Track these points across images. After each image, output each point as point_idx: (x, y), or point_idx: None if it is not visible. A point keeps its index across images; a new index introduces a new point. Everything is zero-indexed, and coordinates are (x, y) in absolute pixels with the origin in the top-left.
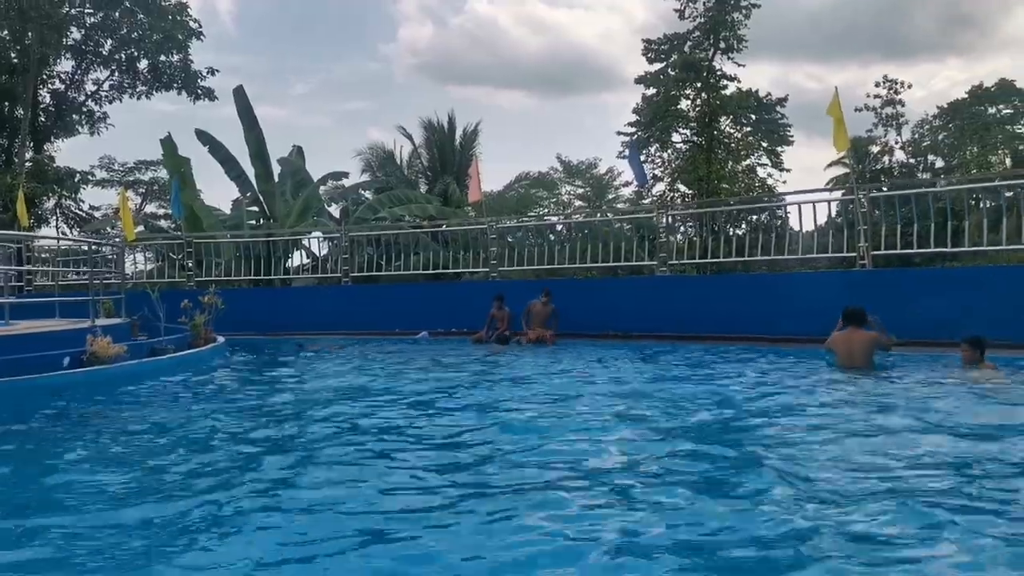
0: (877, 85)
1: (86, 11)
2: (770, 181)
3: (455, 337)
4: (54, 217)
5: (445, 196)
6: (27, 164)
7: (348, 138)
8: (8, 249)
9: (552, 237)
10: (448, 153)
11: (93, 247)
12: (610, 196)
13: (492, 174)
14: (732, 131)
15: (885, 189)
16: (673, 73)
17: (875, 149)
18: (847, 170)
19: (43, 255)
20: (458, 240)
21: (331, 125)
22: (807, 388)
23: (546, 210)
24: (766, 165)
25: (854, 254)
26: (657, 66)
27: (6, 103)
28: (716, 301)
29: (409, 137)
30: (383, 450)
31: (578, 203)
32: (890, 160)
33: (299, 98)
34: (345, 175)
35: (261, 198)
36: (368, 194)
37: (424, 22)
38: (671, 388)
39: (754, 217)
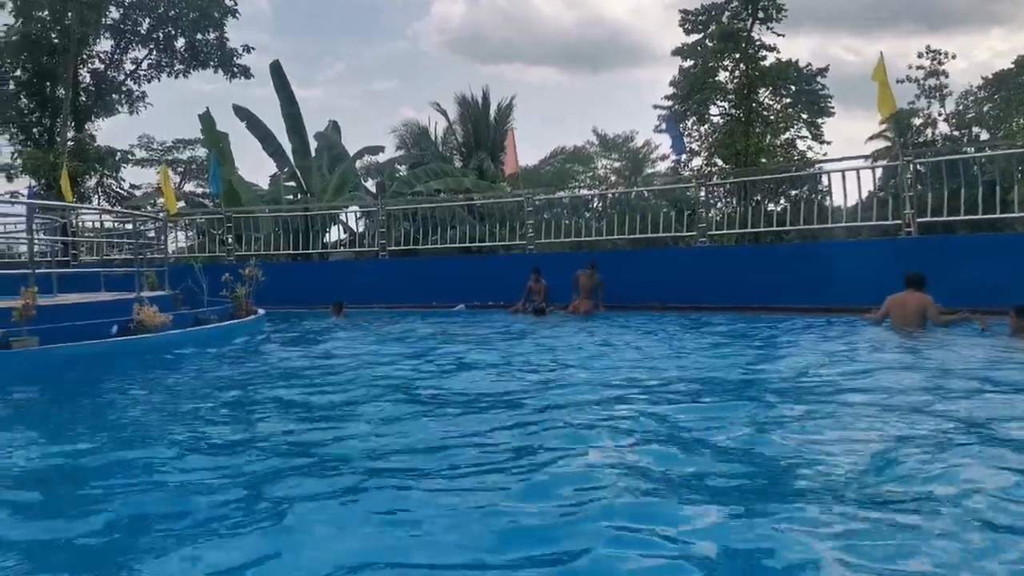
0: (920, 56)
1: None
2: (810, 154)
3: (491, 310)
4: (96, 195)
5: (480, 171)
6: (69, 143)
7: (381, 117)
8: (55, 223)
9: (588, 213)
10: (482, 129)
11: (137, 221)
12: (647, 170)
13: (527, 150)
14: (771, 103)
15: (931, 156)
16: (711, 44)
17: (918, 121)
18: (888, 143)
19: (87, 233)
20: (494, 214)
21: (364, 104)
22: (846, 353)
23: (582, 185)
24: (806, 138)
25: (899, 222)
26: (694, 37)
27: (48, 83)
28: (758, 271)
29: (443, 113)
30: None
31: (614, 178)
32: (933, 132)
33: (332, 77)
34: (381, 149)
35: (298, 173)
36: (403, 169)
37: (455, 0)
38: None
39: (794, 192)
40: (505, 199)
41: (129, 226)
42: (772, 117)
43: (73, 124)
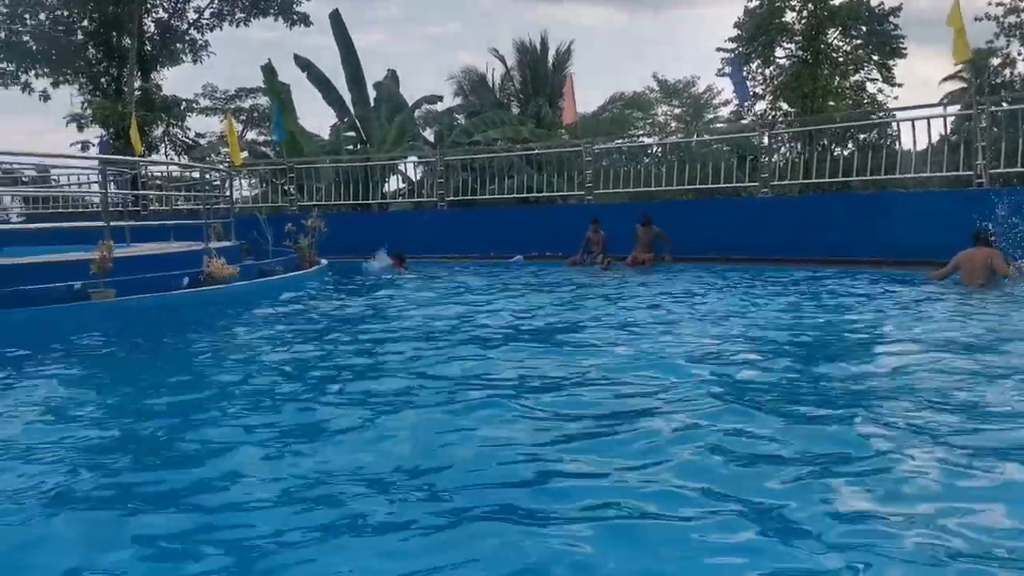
0: None
1: None
2: (880, 97)
3: (549, 261)
4: (163, 144)
5: (538, 118)
6: (136, 93)
7: (440, 62)
8: (125, 175)
9: (647, 159)
10: (541, 75)
11: (204, 171)
12: (708, 116)
13: (585, 96)
14: (840, 44)
15: (1007, 103)
16: None
17: (996, 61)
18: (964, 84)
19: (156, 182)
20: (552, 163)
21: (422, 49)
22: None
23: (642, 131)
24: (876, 80)
25: (970, 173)
26: None
27: (114, 33)
28: (822, 222)
29: (501, 59)
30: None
31: (675, 124)
32: (1011, 73)
33: (390, 22)
34: (439, 99)
35: (358, 123)
36: (461, 118)
37: None
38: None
39: (862, 136)
40: (563, 148)
41: (196, 175)
42: (841, 59)
43: (139, 73)
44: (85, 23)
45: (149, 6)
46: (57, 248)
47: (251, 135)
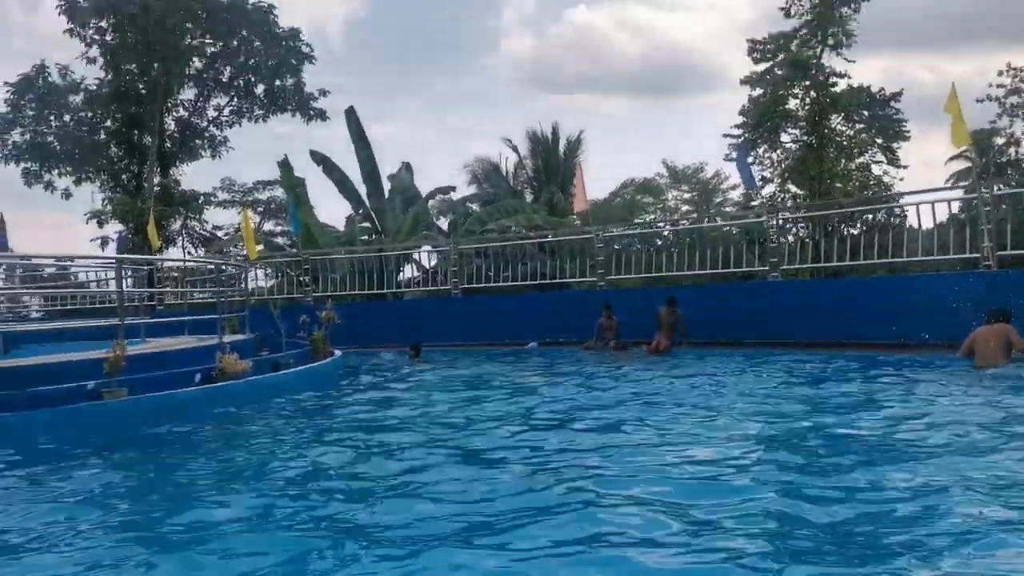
0: (1000, 74)
1: (207, 41)
2: (886, 178)
3: (564, 347)
4: (180, 238)
5: (551, 205)
6: (155, 188)
7: (454, 151)
8: (141, 271)
9: (659, 243)
10: (552, 163)
11: (219, 267)
12: (718, 200)
13: (597, 182)
14: (844, 129)
15: (1013, 184)
16: (780, 72)
17: (1000, 141)
18: (969, 164)
19: (173, 274)
20: (565, 249)
21: (437, 139)
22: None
23: (653, 216)
24: (881, 162)
25: (977, 255)
26: (763, 66)
27: (135, 131)
28: (833, 306)
29: (514, 148)
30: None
31: (685, 208)
32: (1017, 152)
33: (405, 114)
34: (452, 189)
35: (373, 214)
36: (475, 206)
37: (524, 34)
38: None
39: (870, 216)
40: (575, 235)
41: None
42: (845, 143)
43: (159, 170)
44: (108, 123)
45: (170, 105)
46: (73, 347)
47: (268, 226)
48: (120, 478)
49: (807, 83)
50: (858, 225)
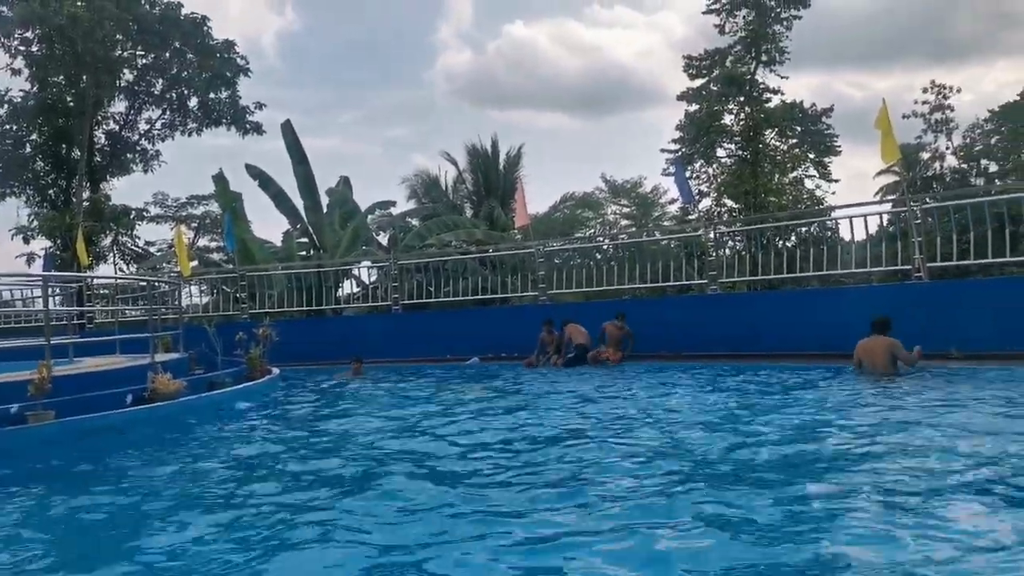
0: (925, 91)
1: (138, 53)
2: (818, 192)
3: (505, 362)
4: (111, 254)
5: (491, 220)
6: (84, 203)
7: (393, 165)
8: (70, 289)
9: (599, 257)
10: (492, 177)
11: (151, 284)
12: (656, 214)
13: (537, 196)
14: (778, 144)
15: (938, 199)
16: (715, 88)
17: (925, 156)
18: (897, 178)
19: (103, 291)
20: (506, 264)
21: (376, 153)
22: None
23: (592, 230)
24: (814, 176)
25: (908, 267)
26: (699, 82)
27: (63, 145)
28: (767, 318)
29: (453, 162)
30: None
31: (624, 222)
32: (941, 166)
33: (343, 127)
34: (392, 203)
35: (311, 229)
36: (415, 221)
37: (462, 49)
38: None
39: (803, 229)
40: (516, 250)
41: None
42: (779, 157)
43: (88, 184)
44: (34, 136)
45: (100, 118)
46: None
47: (203, 242)
48: (42, 507)
49: (742, 99)
50: (792, 238)
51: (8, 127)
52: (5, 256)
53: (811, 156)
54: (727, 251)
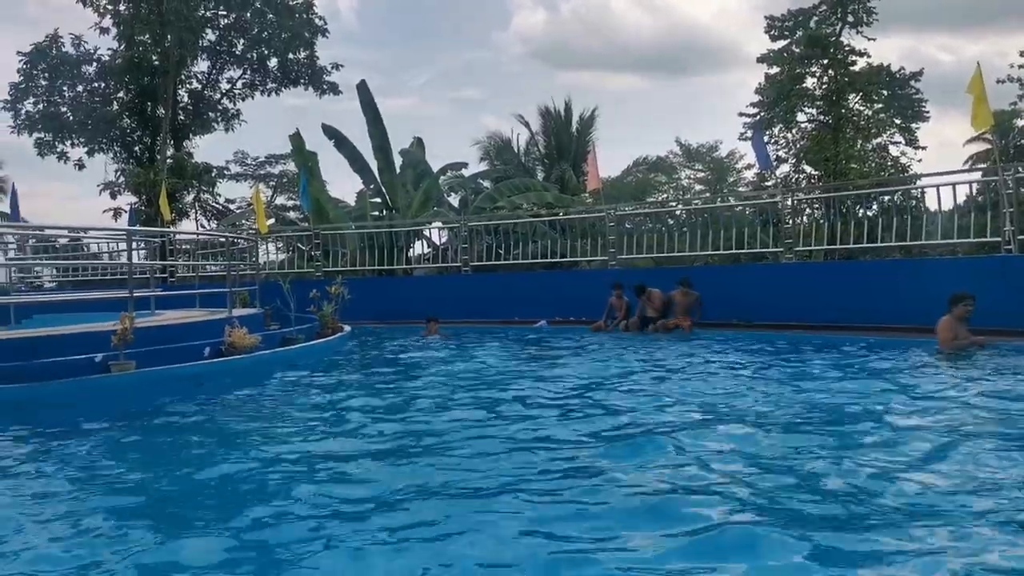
0: (1021, 54)
1: (220, 13)
2: (903, 159)
3: (573, 325)
4: (193, 210)
5: (562, 183)
6: (168, 161)
7: (465, 126)
8: (153, 243)
9: (671, 222)
10: (565, 140)
11: (231, 240)
12: (731, 179)
13: (609, 160)
14: (862, 108)
15: None
16: (798, 50)
17: (1020, 123)
18: (990, 145)
19: (184, 247)
20: (576, 228)
21: (448, 114)
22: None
23: (665, 195)
24: (899, 143)
25: (998, 239)
26: (780, 43)
27: (148, 103)
28: (847, 289)
29: (526, 124)
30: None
31: (698, 187)
32: None
33: (417, 88)
34: (464, 165)
35: (384, 189)
36: (486, 183)
37: (536, 9)
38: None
39: (886, 198)
40: (587, 214)
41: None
42: (863, 123)
43: (172, 142)
44: (121, 94)
45: (183, 77)
46: (84, 318)
47: (280, 200)
48: (124, 453)
49: (825, 61)
50: (874, 207)
51: (97, 85)
52: (94, 210)
53: (897, 122)
54: (804, 219)
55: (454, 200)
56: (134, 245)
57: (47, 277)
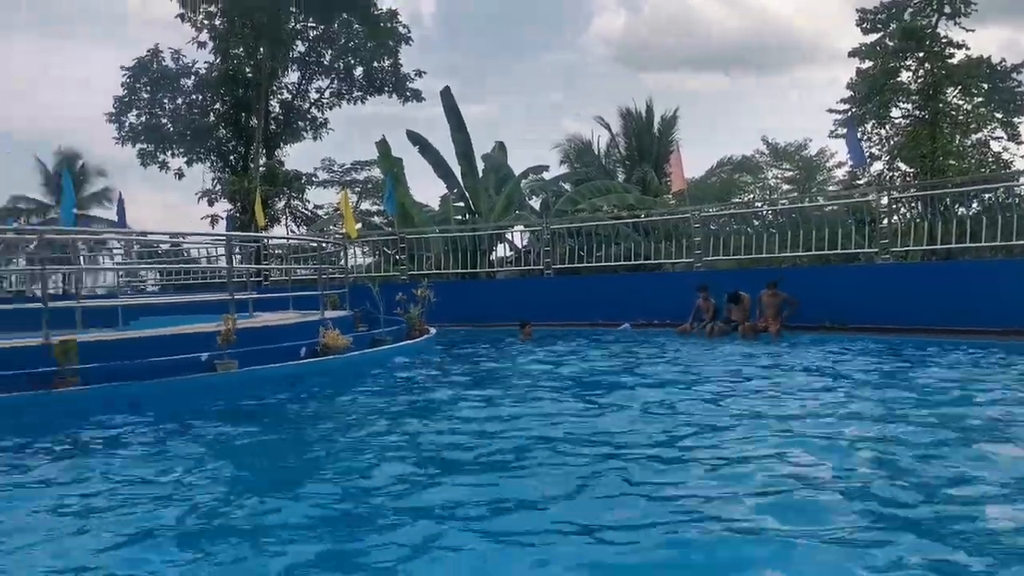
0: None
1: (309, 25)
2: (1006, 155)
3: (657, 328)
4: (284, 216)
5: (643, 184)
6: (261, 169)
7: (545, 130)
8: (249, 248)
9: (757, 223)
10: (646, 141)
11: (320, 244)
12: (820, 178)
13: (692, 160)
14: (960, 103)
15: None
16: (892, 44)
17: None
18: None
19: (276, 251)
20: (659, 229)
21: (529, 117)
22: None
23: (751, 195)
24: (1000, 138)
25: None
26: (873, 37)
27: (243, 114)
28: (946, 290)
29: (606, 126)
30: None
31: (785, 187)
32: None
33: (497, 92)
34: (545, 168)
35: (467, 194)
36: (567, 186)
37: (617, 11)
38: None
39: (987, 196)
40: (671, 216)
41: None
42: (961, 117)
43: (264, 151)
44: (217, 106)
45: (275, 88)
46: (184, 319)
47: (365, 205)
48: (234, 447)
49: (921, 54)
50: (974, 205)
51: (194, 97)
52: (191, 217)
53: (998, 116)
54: (900, 218)
55: (535, 203)
56: (233, 250)
57: (150, 281)
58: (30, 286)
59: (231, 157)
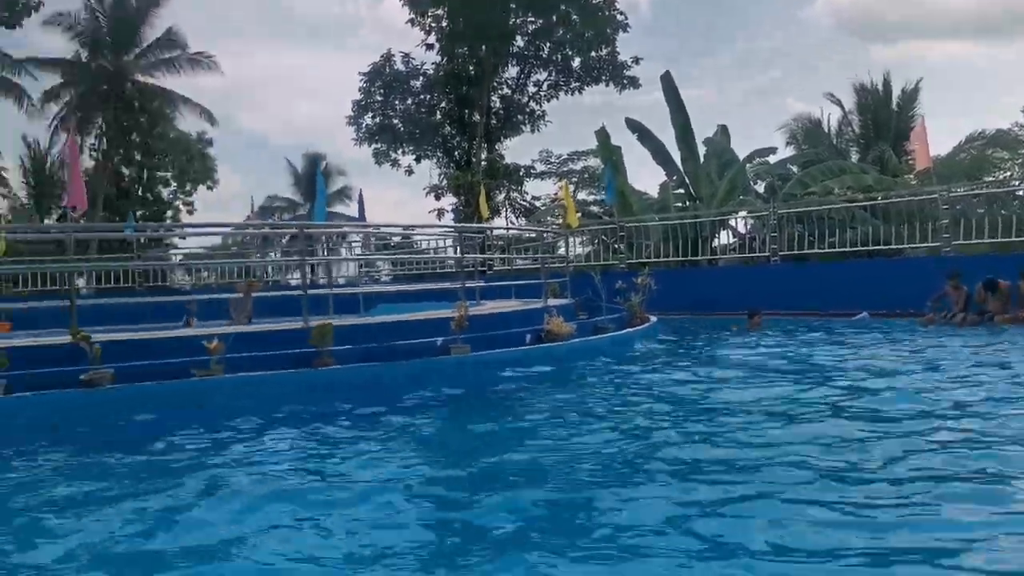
0: None
1: (528, 19)
2: None
3: (897, 318)
4: (504, 208)
5: (881, 164)
6: (483, 163)
7: (767, 110)
8: (474, 239)
9: (1015, 204)
10: (883, 117)
11: (541, 235)
12: None
13: (935, 136)
14: None
15: None
16: None
17: None
18: None
19: (499, 242)
20: (901, 212)
21: (749, 98)
22: None
23: (1008, 173)
24: None
25: None
26: None
27: (465, 111)
28: None
29: (838, 103)
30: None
31: None
32: None
33: (718, 75)
34: (772, 151)
35: (687, 180)
36: (795, 168)
37: None
38: None
39: None
40: (913, 196)
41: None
42: None
43: (485, 145)
44: (443, 104)
45: (495, 84)
46: (415, 307)
47: (581, 195)
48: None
49: None
50: None
51: (423, 97)
52: (419, 211)
53: None
54: None
55: (760, 187)
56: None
57: (385, 271)
58: (284, 276)
59: (455, 152)
